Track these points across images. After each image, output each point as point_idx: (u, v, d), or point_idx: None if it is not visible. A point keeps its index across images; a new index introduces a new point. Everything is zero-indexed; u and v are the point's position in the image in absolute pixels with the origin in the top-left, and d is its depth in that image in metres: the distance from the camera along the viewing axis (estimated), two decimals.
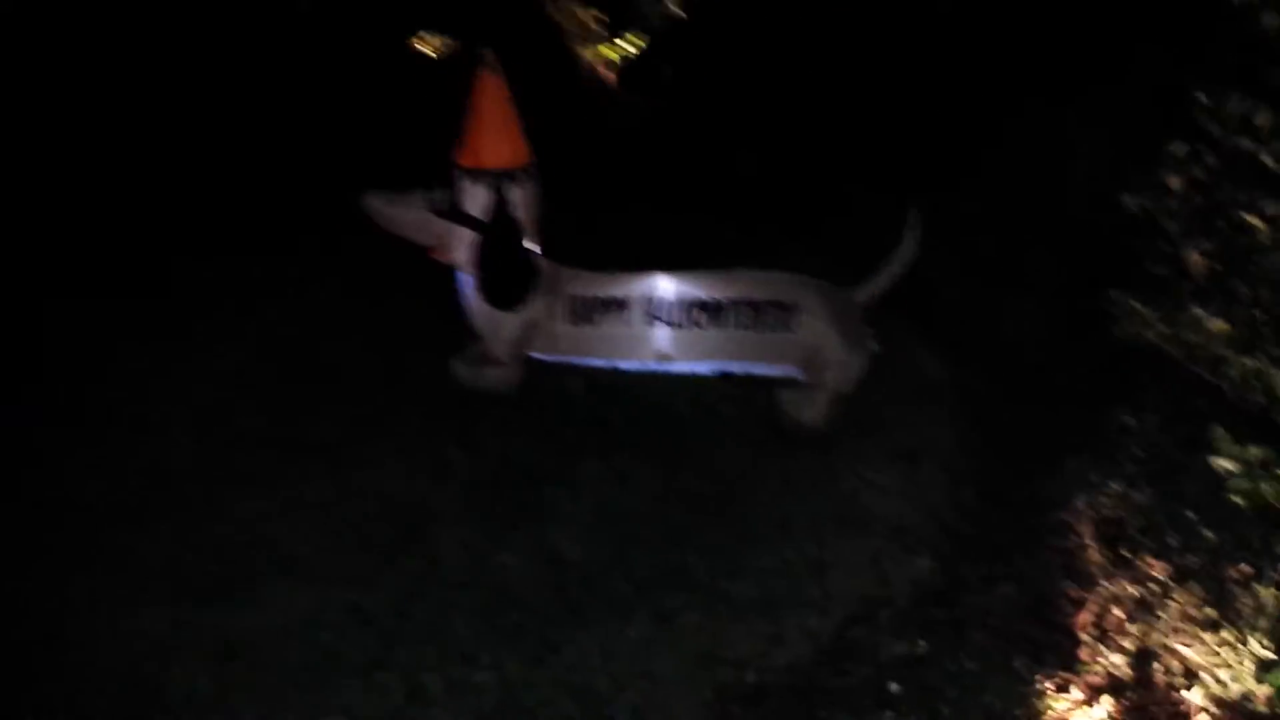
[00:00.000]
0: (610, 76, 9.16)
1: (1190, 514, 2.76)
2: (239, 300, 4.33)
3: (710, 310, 3.67)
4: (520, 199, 3.61)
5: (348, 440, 3.45)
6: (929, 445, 3.56)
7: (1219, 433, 2.57)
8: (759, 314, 3.65)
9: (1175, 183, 2.97)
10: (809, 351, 3.63)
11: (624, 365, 3.78)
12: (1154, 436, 3.23)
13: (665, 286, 3.70)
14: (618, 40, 8.91)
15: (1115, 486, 3.04)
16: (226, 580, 2.84)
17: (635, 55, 9.07)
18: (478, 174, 3.56)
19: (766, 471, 3.36)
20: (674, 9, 8.71)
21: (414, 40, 11.93)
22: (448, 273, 3.73)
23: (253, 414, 3.59)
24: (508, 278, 3.66)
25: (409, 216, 3.68)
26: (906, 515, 3.18)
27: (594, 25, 8.91)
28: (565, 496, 3.17)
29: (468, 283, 3.72)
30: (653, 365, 3.75)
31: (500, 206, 3.57)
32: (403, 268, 3.88)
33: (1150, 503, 2.92)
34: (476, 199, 3.59)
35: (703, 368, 3.77)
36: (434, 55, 11.97)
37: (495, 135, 3.54)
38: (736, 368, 3.76)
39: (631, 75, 9.29)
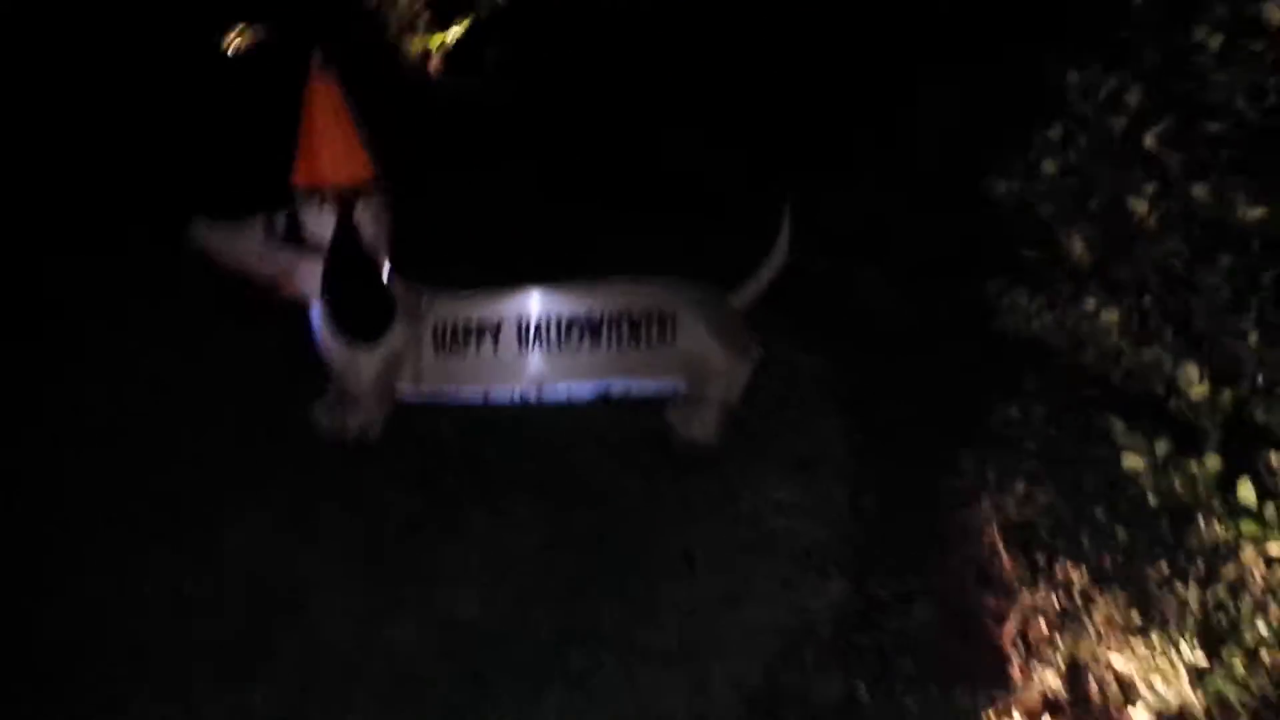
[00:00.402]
0: (438, 65, 8.74)
1: (1099, 513, 2.72)
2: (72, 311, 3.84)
3: (587, 327, 3.45)
4: (368, 218, 3.29)
5: (201, 499, 3.08)
6: (820, 451, 3.45)
7: (1118, 426, 2.53)
8: (638, 327, 3.45)
9: (1050, 167, 2.91)
10: (693, 363, 3.46)
11: (497, 394, 3.52)
12: (1042, 429, 3.20)
13: (537, 304, 3.46)
14: (450, 29, 8.48)
15: (1018, 486, 2.98)
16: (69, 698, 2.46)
17: (458, 40, 8.68)
18: (318, 193, 3.22)
19: (662, 498, 3.18)
20: None
21: (222, 35, 11.16)
22: (297, 308, 3.38)
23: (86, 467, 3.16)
24: (362, 307, 3.34)
25: (245, 247, 3.30)
26: (811, 533, 3.06)
27: (421, 14, 8.44)
28: (451, 550, 2.91)
29: (319, 317, 3.38)
30: (529, 392, 3.50)
31: (346, 228, 3.24)
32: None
33: (1054, 501, 2.87)
34: (320, 221, 3.25)
35: (582, 390, 3.54)
36: (242, 50, 11.25)
37: (334, 149, 3.22)
38: (617, 387, 3.55)
39: (456, 61, 8.92)
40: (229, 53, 11.17)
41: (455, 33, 8.56)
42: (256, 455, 3.35)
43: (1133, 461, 2.42)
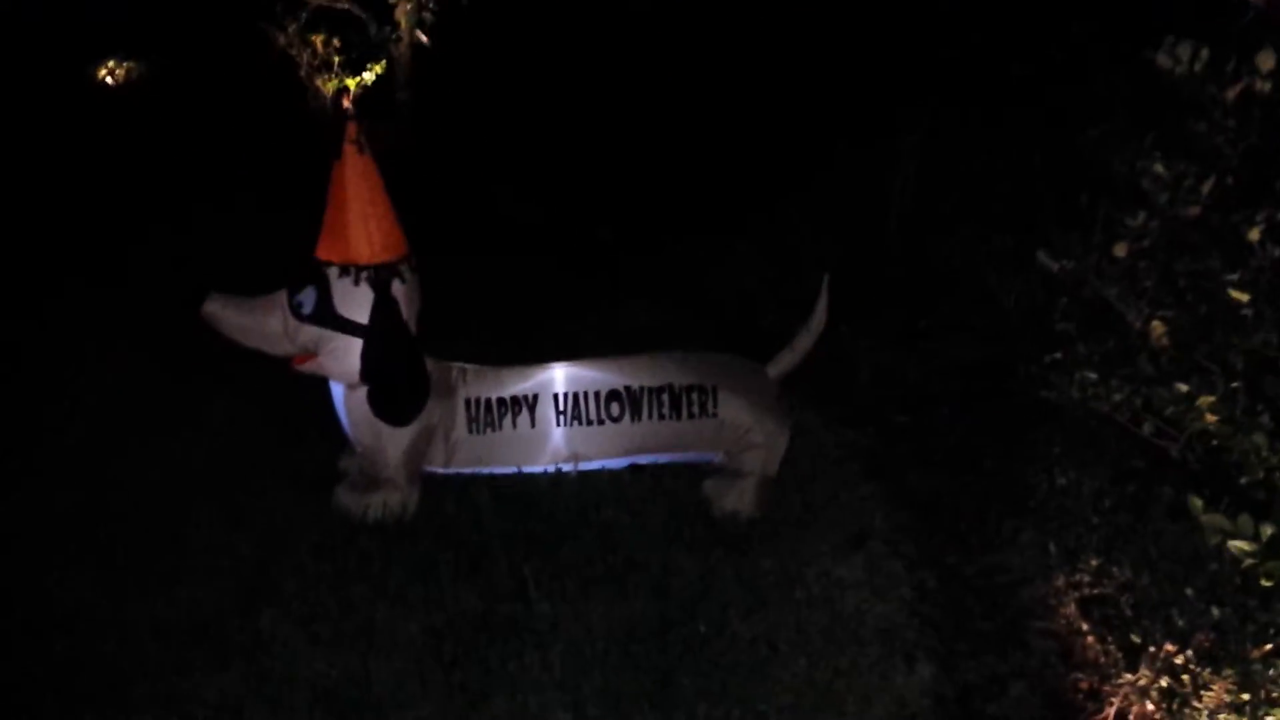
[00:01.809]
0: (349, 107, 8.49)
1: (1189, 591, 2.73)
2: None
3: (626, 401, 3.32)
4: (403, 295, 3.09)
5: (230, 611, 2.80)
6: (867, 526, 3.38)
7: (1196, 504, 2.55)
8: (678, 400, 3.34)
9: (1121, 250, 2.95)
10: (732, 435, 3.37)
11: (530, 469, 3.36)
12: (1094, 500, 3.23)
13: (575, 379, 3.32)
14: (363, 72, 8.23)
15: (1090, 561, 2.99)
16: None
17: (370, 84, 8.45)
18: (354, 270, 3.01)
19: (722, 581, 3.05)
20: (420, 37, 8.16)
21: (99, 69, 10.60)
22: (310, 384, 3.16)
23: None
24: (401, 388, 3.12)
25: (268, 325, 3.06)
26: (886, 614, 2.98)
27: (333, 57, 8.17)
28: (529, 649, 2.70)
29: (346, 396, 3.16)
30: (566, 466, 3.35)
31: (384, 306, 3.04)
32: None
33: (1132, 578, 2.89)
34: (354, 299, 3.03)
35: (616, 463, 3.41)
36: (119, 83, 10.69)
37: (370, 224, 3.02)
38: (651, 458, 3.43)
39: (367, 104, 8.70)
40: (109, 83, 10.64)
41: (368, 77, 8.35)
42: (276, 548, 3.09)
43: (1239, 545, 2.42)
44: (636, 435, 3.35)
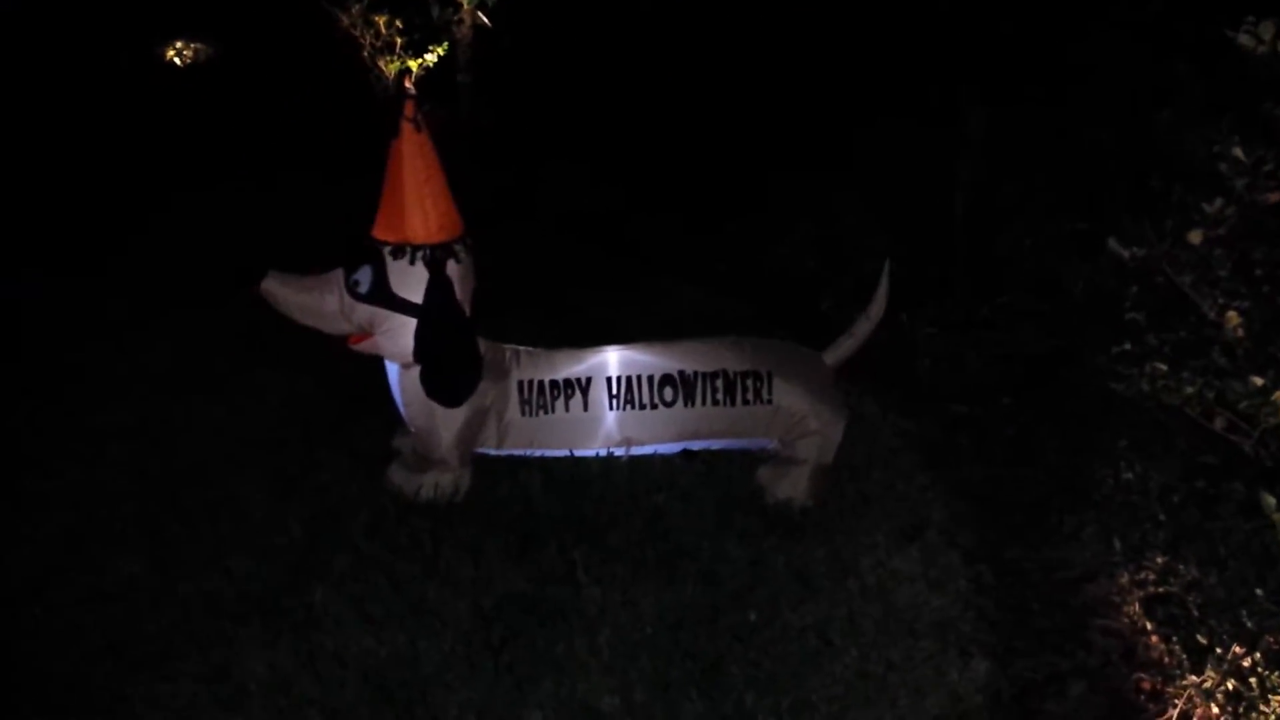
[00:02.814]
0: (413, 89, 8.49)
1: (1260, 592, 2.64)
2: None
3: (680, 386, 3.28)
4: (458, 276, 3.08)
5: (281, 588, 2.82)
6: (923, 517, 3.31)
7: (1269, 502, 2.46)
8: (732, 386, 3.29)
9: (1196, 237, 2.84)
10: (788, 422, 3.32)
11: (581, 453, 3.33)
12: (1163, 496, 3.13)
13: (629, 363, 3.28)
14: (425, 54, 8.24)
15: (1156, 559, 2.90)
16: None
17: (432, 66, 8.46)
18: (409, 250, 3.00)
19: (773, 570, 3.00)
20: (482, 19, 8.15)
21: (167, 50, 10.76)
22: (367, 362, 3.17)
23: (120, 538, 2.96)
24: (454, 369, 3.11)
25: (325, 303, 3.07)
26: (941, 607, 2.91)
27: (397, 38, 8.19)
28: (577, 633, 2.69)
29: (401, 376, 3.16)
30: (618, 450, 3.32)
31: (438, 286, 3.03)
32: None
33: (1199, 576, 2.79)
34: (409, 279, 3.03)
35: (669, 448, 3.37)
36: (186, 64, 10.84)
37: (427, 204, 3.00)
38: (704, 444, 3.39)
39: (428, 86, 8.71)
40: (176, 63, 10.79)
41: (431, 59, 8.35)
42: (328, 525, 3.11)
43: None
44: (690, 420, 3.31)
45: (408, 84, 8.50)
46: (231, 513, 3.17)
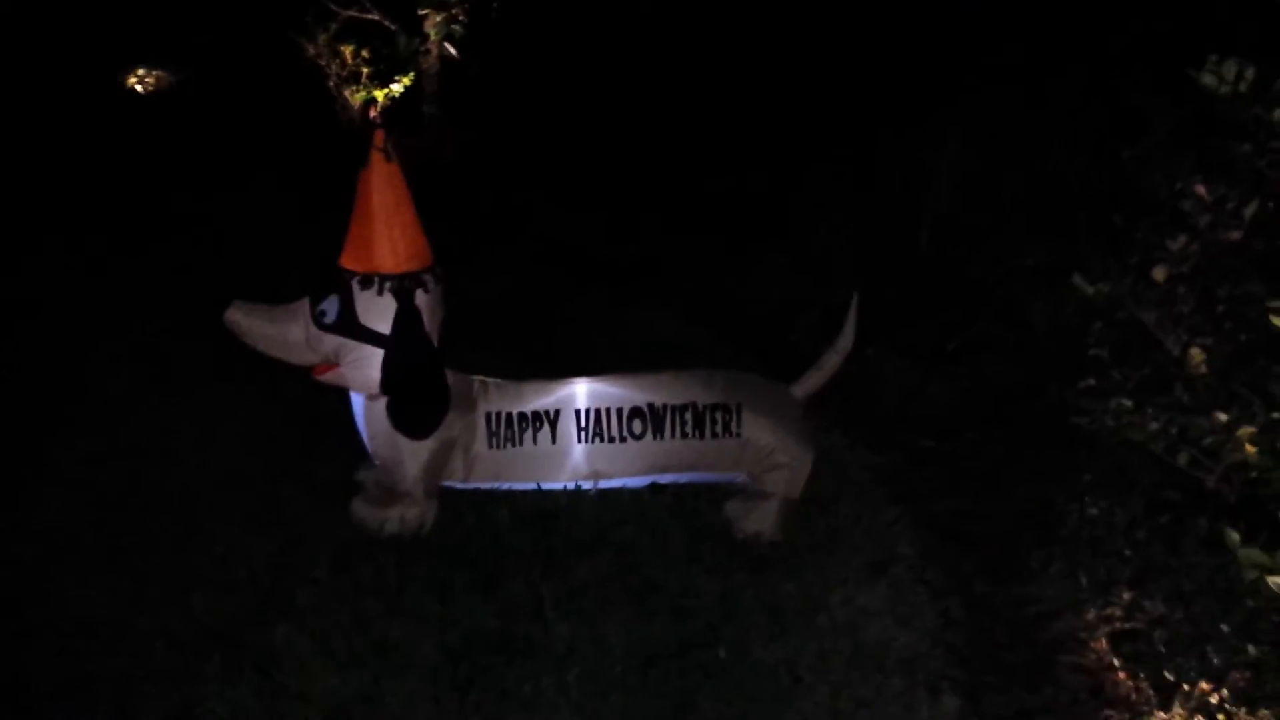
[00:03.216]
0: (379, 118, 8.47)
1: (1224, 627, 2.65)
2: None
3: (649, 419, 3.27)
4: (426, 305, 3.05)
5: (244, 623, 2.76)
6: (890, 552, 3.31)
7: (1233, 537, 2.47)
8: (701, 419, 3.29)
9: (1160, 274, 2.88)
10: (756, 456, 3.32)
11: (549, 486, 3.31)
12: (1127, 531, 3.15)
13: (598, 395, 3.27)
14: (391, 84, 8.22)
15: (1124, 595, 2.91)
16: None
17: (398, 95, 8.43)
18: (377, 280, 2.97)
19: (743, 605, 2.98)
20: (449, 50, 8.14)
21: (129, 77, 10.66)
22: (332, 392, 3.13)
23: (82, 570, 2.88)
24: (421, 400, 3.08)
25: (290, 333, 3.03)
26: (910, 643, 2.91)
27: (361, 68, 8.17)
28: (546, 671, 2.65)
29: (366, 407, 3.12)
30: (586, 483, 3.30)
31: (407, 316, 3.00)
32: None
33: (1166, 612, 2.80)
34: (377, 309, 2.99)
35: (637, 481, 3.35)
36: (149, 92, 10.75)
37: (395, 233, 2.98)
38: (672, 477, 3.37)
39: (394, 116, 8.69)
40: (138, 90, 10.70)
41: (397, 89, 8.34)
42: (291, 559, 3.05)
43: (1276, 579, 2.34)
44: (659, 453, 3.29)
45: (373, 113, 8.52)
46: (196, 545, 3.11)
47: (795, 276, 5.47)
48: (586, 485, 3.30)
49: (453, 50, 8.01)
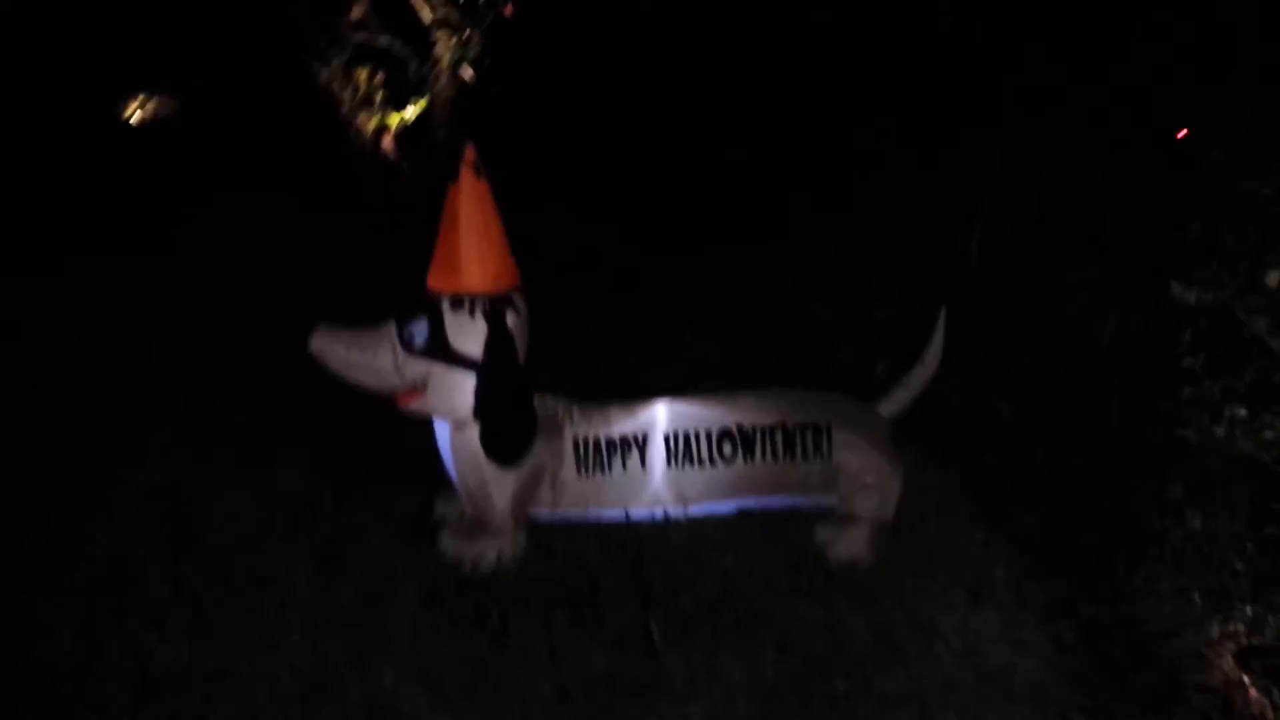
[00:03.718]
0: (391, 144, 8.36)
1: None
2: None
3: (738, 442, 3.17)
4: (516, 328, 2.94)
5: (343, 668, 2.62)
6: (988, 574, 3.21)
7: None
8: (792, 441, 3.19)
9: (1274, 280, 2.83)
10: (847, 478, 3.22)
11: (639, 513, 3.19)
12: (1231, 543, 3.08)
13: (685, 417, 3.16)
14: (405, 108, 8.12)
15: (1246, 610, 2.83)
16: None
17: (411, 121, 8.33)
18: (469, 301, 2.86)
19: (853, 634, 2.88)
20: (465, 72, 8.06)
21: (127, 106, 10.49)
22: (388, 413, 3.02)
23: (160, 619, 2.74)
24: (514, 426, 2.96)
25: (378, 359, 2.90)
26: (1031, 669, 2.81)
27: (377, 92, 8.06)
28: (667, 709, 2.54)
29: (453, 436, 3.00)
30: (675, 510, 3.19)
31: (500, 339, 2.89)
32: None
33: None
34: (468, 331, 2.88)
35: (725, 507, 3.24)
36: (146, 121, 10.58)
37: (486, 252, 2.88)
38: (762, 503, 3.27)
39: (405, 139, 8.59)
40: (135, 120, 10.53)
41: (412, 112, 8.24)
42: (379, 598, 2.92)
43: None
44: (748, 477, 3.19)
45: (386, 140, 8.39)
46: (275, 587, 2.96)
47: (839, 294, 5.39)
48: (676, 510, 3.19)
49: (470, 73, 7.92)
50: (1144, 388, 4.08)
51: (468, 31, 7.96)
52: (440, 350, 2.88)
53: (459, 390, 2.92)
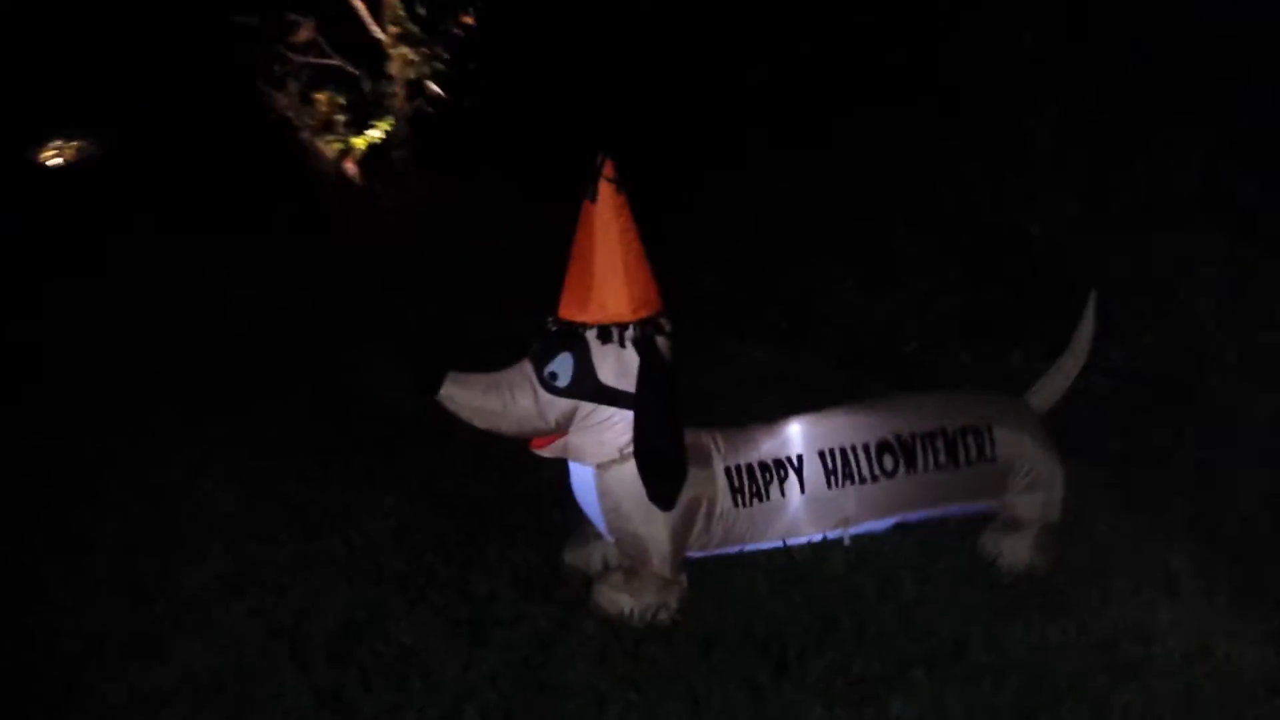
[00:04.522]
0: (354, 168, 7.94)
1: None
2: None
3: (899, 452, 2.90)
4: (666, 353, 2.65)
5: None
6: (1167, 566, 3.02)
7: None
8: (953, 445, 2.94)
9: None
10: (1013, 479, 2.99)
11: (797, 540, 2.91)
12: None
13: (838, 431, 2.89)
14: (367, 130, 7.71)
15: None
16: None
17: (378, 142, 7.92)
18: (616, 330, 2.56)
19: (1055, 651, 2.64)
20: (432, 88, 7.68)
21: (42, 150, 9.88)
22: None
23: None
24: (674, 462, 2.66)
25: (518, 404, 2.59)
26: (1256, 661, 2.60)
27: (337, 115, 7.64)
28: None
29: (599, 478, 2.69)
30: (836, 533, 2.91)
31: (655, 369, 2.59)
32: None
33: None
34: (616, 364, 2.58)
35: (885, 524, 2.98)
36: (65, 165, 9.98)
37: (630, 275, 2.58)
38: (921, 516, 3.01)
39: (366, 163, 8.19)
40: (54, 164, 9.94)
41: (374, 135, 7.84)
42: (543, 668, 2.59)
43: None
44: (912, 490, 2.93)
45: (348, 164, 7.95)
46: (415, 667, 2.60)
47: (884, 286, 5.18)
48: (839, 533, 2.91)
49: (436, 88, 7.55)
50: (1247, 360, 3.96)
51: (429, 45, 7.59)
52: (589, 388, 2.57)
53: (608, 429, 2.62)
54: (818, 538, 2.92)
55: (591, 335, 2.56)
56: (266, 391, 4.46)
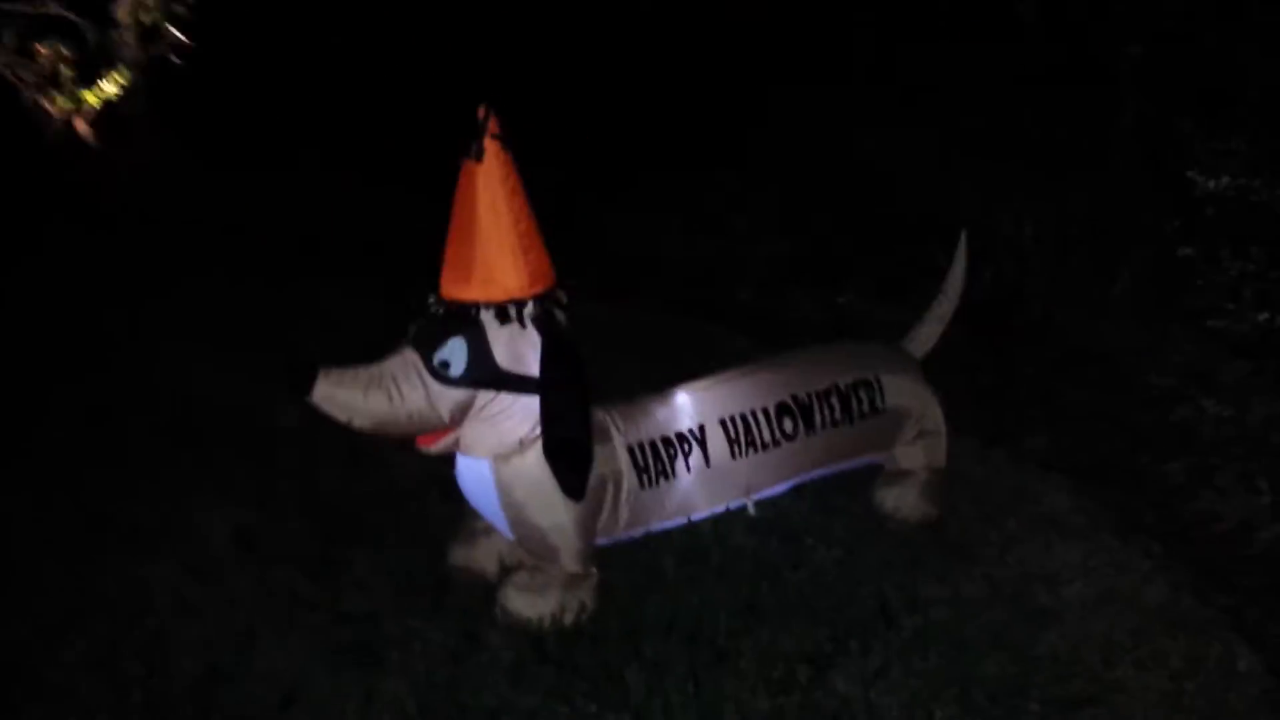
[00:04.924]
0: (86, 127, 6.99)
1: None
2: None
3: (797, 414, 2.78)
4: (568, 330, 2.40)
5: None
6: (1046, 505, 3.07)
7: None
8: (847, 400, 2.85)
9: None
10: (901, 428, 2.94)
11: (701, 515, 2.74)
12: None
13: (735, 397, 2.73)
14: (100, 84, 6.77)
15: None
16: None
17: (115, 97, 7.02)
18: (513, 308, 2.29)
19: (979, 602, 2.62)
20: (175, 34, 6.83)
21: None
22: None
23: None
24: (585, 448, 2.41)
25: (407, 399, 2.27)
26: (1152, 594, 2.67)
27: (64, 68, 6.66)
28: None
29: (497, 470, 2.41)
30: (741, 503, 2.77)
31: (560, 347, 2.33)
32: None
33: None
34: (517, 345, 2.30)
35: (784, 488, 2.86)
36: None
37: (528, 246, 2.31)
38: (815, 476, 2.91)
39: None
40: None
41: (109, 90, 6.92)
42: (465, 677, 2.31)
43: None
44: (811, 450, 2.81)
45: (79, 124, 7.00)
46: (306, 709, 2.26)
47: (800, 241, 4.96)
48: (743, 503, 2.76)
49: (179, 35, 6.71)
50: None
51: None
52: (487, 375, 2.28)
53: (508, 417, 2.34)
54: (720, 509, 2.75)
55: (489, 316, 2.26)
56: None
